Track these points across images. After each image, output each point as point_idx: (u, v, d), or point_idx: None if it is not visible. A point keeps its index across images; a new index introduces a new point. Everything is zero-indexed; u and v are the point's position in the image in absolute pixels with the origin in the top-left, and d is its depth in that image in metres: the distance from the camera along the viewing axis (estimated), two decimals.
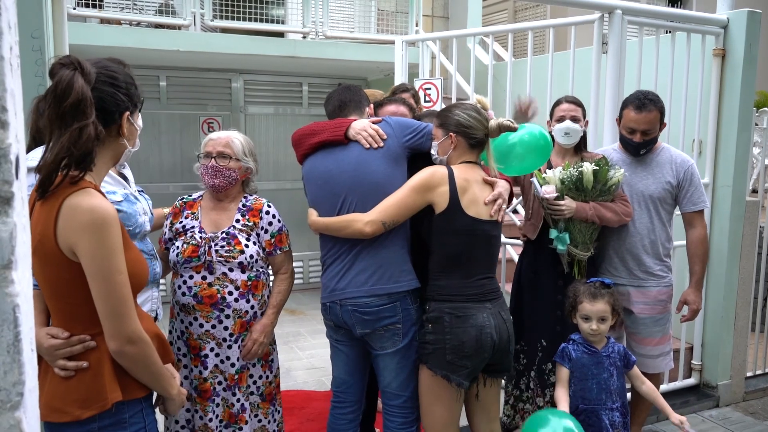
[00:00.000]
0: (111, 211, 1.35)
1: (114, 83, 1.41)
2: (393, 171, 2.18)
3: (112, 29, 4.81)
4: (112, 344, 1.38)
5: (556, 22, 3.58)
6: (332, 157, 2.21)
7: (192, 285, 2.20)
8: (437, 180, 2.12)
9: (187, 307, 2.21)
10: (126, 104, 1.44)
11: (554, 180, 2.60)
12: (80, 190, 1.33)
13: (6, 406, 0.69)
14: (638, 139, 2.73)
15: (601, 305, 2.36)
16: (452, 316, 2.10)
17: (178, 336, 2.27)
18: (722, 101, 3.57)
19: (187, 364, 2.25)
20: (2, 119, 0.67)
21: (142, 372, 1.45)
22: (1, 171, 0.67)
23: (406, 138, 2.21)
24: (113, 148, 1.46)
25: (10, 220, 0.68)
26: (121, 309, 1.36)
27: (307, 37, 5.49)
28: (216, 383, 2.22)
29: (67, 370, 1.39)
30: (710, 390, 3.79)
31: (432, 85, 3.96)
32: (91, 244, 1.31)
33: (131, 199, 1.86)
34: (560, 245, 2.61)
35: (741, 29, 3.47)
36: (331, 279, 2.23)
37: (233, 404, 2.25)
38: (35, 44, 1.94)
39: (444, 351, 2.08)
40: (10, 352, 0.69)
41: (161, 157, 5.76)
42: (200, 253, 2.19)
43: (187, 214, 2.31)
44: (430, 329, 2.13)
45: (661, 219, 2.82)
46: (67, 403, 1.38)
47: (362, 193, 2.15)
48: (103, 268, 1.33)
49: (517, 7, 8.20)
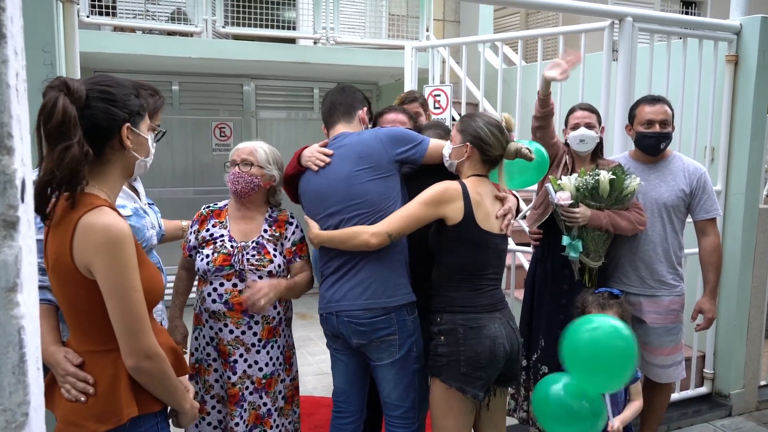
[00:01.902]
0: (125, 229, 1.36)
1: (107, 98, 1.40)
2: (385, 186, 2.18)
3: (125, 37, 4.87)
4: (129, 361, 1.40)
5: (566, 29, 3.58)
6: (323, 174, 2.23)
7: (223, 292, 2.24)
8: (451, 195, 2.10)
9: (218, 313, 2.25)
10: (122, 116, 1.42)
11: (569, 187, 2.58)
12: (95, 209, 1.35)
13: (11, 426, 0.71)
14: (657, 129, 2.71)
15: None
16: (466, 327, 2.08)
17: (207, 342, 2.29)
18: (735, 108, 3.54)
19: (217, 368, 2.30)
20: (8, 145, 0.68)
21: (158, 387, 1.47)
22: (7, 196, 0.68)
23: (398, 151, 2.21)
24: (121, 162, 1.47)
25: (16, 243, 0.69)
26: (137, 326, 1.38)
27: (318, 42, 5.52)
28: (244, 388, 2.27)
29: (70, 394, 1.42)
30: (723, 399, 3.75)
31: (441, 91, 3.96)
32: (105, 262, 1.33)
33: (140, 214, 1.88)
34: (572, 252, 2.59)
35: (754, 35, 3.44)
36: (327, 289, 2.25)
37: (260, 406, 2.30)
38: (47, 58, 1.97)
39: (458, 363, 2.07)
40: (15, 373, 0.70)
41: (174, 161, 5.82)
42: (233, 261, 2.24)
43: (215, 223, 2.33)
44: (443, 341, 2.11)
45: (673, 227, 2.80)
46: (84, 417, 1.40)
47: (358, 212, 2.17)
48: (118, 286, 1.35)
49: (529, 11, 8.17)
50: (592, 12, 3.31)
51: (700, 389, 3.77)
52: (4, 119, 0.68)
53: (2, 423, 0.70)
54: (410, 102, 2.98)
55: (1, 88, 0.67)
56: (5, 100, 0.68)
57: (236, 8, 5.26)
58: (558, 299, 2.71)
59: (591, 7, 3.31)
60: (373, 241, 2.09)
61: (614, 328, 2.12)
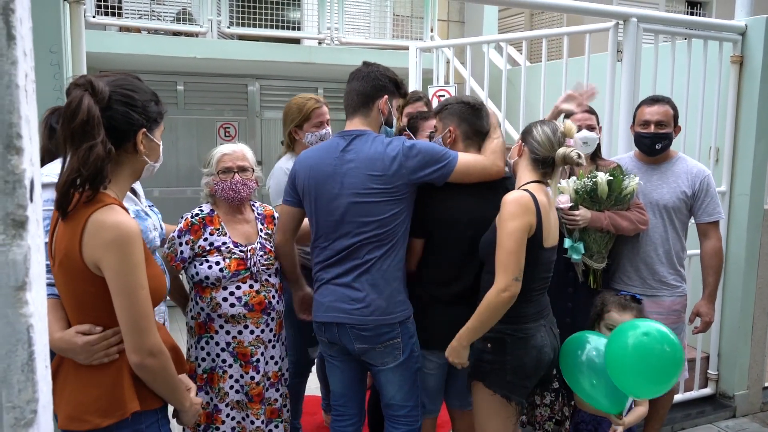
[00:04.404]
0: (135, 227, 1.38)
1: (129, 102, 1.43)
2: (394, 209, 2.11)
3: (131, 37, 4.89)
4: (134, 357, 1.42)
5: (570, 29, 3.58)
6: (331, 182, 2.13)
7: (241, 295, 2.25)
8: (527, 206, 1.99)
9: (237, 317, 2.25)
10: (141, 122, 1.45)
11: (568, 190, 2.59)
12: (105, 206, 1.37)
13: (21, 423, 0.72)
14: (652, 130, 2.71)
15: (628, 317, 2.32)
16: (514, 338, 2.05)
17: (223, 348, 2.27)
18: (740, 109, 3.53)
19: (233, 374, 2.28)
20: (18, 146, 0.69)
21: (160, 384, 1.49)
22: (16, 196, 0.69)
23: (420, 175, 2.10)
24: (131, 165, 1.49)
25: (25, 243, 0.70)
26: (143, 323, 1.40)
27: (323, 43, 5.53)
28: (266, 385, 2.33)
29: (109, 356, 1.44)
30: (727, 400, 3.74)
31: (446, 92, 3.96)
32: (115, 259, 1.35)
33: (142, 216, 1.89)
34: (575, 255, 2.59)
35: (759, 36, 3.43)
36: (325, 296, 2.19)
37: (276, 400, 2.37)
38: (53, 59, 1.99)
39: (504, 372, 2.05)
40: (24, 370, 0.71)
41: (178, 161, 5.83)
42: (249, 264, 2.26)
43: (212, 230, 2.28)
44: (489, 349, 2.07)
45: (675, 228, 2.80)
46: (88, 412, 1.42)
47: (367, 234, 2.11)
48: (127, 283, 1.37)
49: (534, 12, 8.16)
50: (596, 12, 3.31)
51: (704, 390, 3.76)
52: (14, 120, 0.69)
53: (11, 420, 0.71)
54: (414, 102, 2.99)
55: (11, 89, 0.68)
56: (15, 100, 0.69)
57: (241, 9, 5.28)
58: (563, 302, 2.70)
59: (595, 8, 3.31)
60: (507, 296, 1.94)
61: (663, 334, 2.06)
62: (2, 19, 0.67)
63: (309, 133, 2.71)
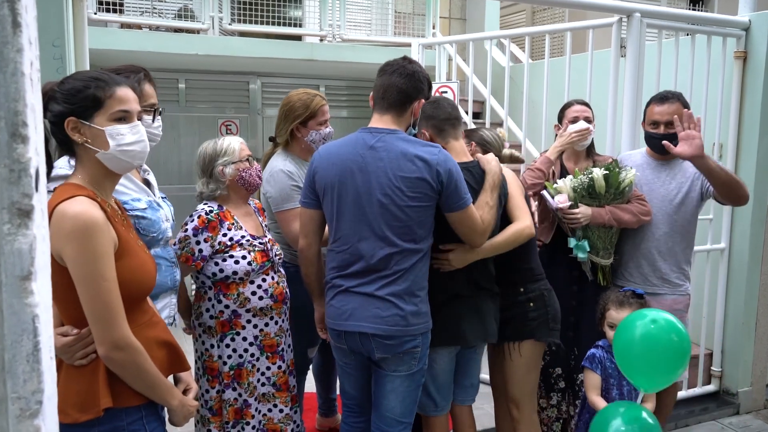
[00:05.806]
0: (96, 217, 1.38)
1: (52, 96, 1.43)
2: (421, 216, 2.04)
3: (132, 34, 4.88)
4: (100, 349, 1.41)
5: (573, 25, 3.56)
6: (359, 176, 2.04)
7: (267, 287, 2.28)
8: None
9: (265, 309, 2.28)
10: (62, 111, 1.42)
11: (566, 189, 2.57)
12: (71, 198, 1.37)
13: (26, 413, 0.71)
14: (662, 131, 2.67)
15: (626, 314, 2.32)
16: (548, 291, 2.42)
17: (251, 342, 2.26)
18: (743, 104, 3.52)
19: (260, 367, 2.30)
20: (23, 134, 0.68)
21: (133, 379, 1.46)
22: (22, 185, 0.68)
23: (444, 196, 2.05)
24: (87, 156, 1.47)
25: (30, 232, 0.70)
26: (106, 315, 1.39)
27: (325, 40, 5.52)
28: (289, 373, 2.39)
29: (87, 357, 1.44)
30: (730, 397, 3.74)
31: (448, 88, 3.95)
32: (74, 250, 1.35)
33: (155, 206, 1.89)
34: (581, 253, 2.58)
35: (763, 31, 3.41)
36: (346, 303, 2.09)
37: (295, 386, 2.43)
38: (56, 53, 1.98)
39: (547, 321, 2.37)
40: (30, 361, 0.71)
41: (180, 158, 5.82)
42: (271, 256, 2.30)
43: (229, 225, 2.25)
44: (532, 307, 2.36)
45: (681, 225, 2.76)
46: (68, 405, 1.42)
47: (395, 239, 2.03)
48: (87, 273, 1.36)
49: (536, 8, 8.14)
50: (599, 8, 3.30)
51: (708, 387, 3.76)
52: (20, 108, 0.68)
53: (17, 411, 0.70)
54: None
55: (16, 77, 0.68)
56: (20, 88, 0.68)
57: (243, 5, 5.27)
58: (568, 301, 2.69)
59: (599, 3, 3.30)
60: (531, 231, 2.29)
61: (671, 323, 2.14)
62: (8, 6, 0.66)
63: (313, 131, 2.61)
